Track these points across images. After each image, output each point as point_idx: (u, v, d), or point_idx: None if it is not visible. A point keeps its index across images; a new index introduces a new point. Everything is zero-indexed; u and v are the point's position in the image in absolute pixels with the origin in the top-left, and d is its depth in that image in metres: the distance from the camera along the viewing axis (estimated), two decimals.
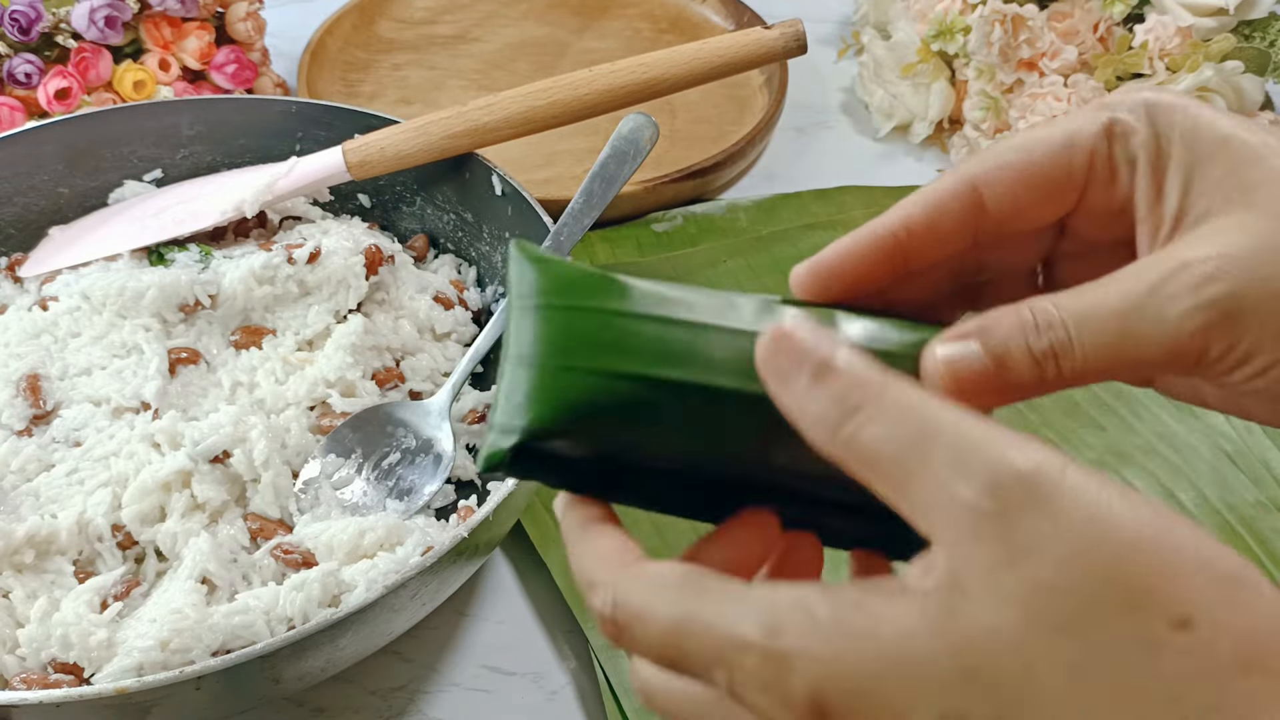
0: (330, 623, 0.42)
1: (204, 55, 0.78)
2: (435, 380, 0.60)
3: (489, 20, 0.94)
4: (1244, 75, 0.74)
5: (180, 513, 0.51)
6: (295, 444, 0.54)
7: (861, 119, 0.88)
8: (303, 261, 0.58)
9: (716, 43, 0.63)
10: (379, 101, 0.86)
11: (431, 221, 0.66)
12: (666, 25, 0.94)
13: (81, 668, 0.47)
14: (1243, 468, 0.61)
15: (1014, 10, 0.75)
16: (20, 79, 0.74)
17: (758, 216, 0.77)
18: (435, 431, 0.56)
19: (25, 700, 0.40)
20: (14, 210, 0.65)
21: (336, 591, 0.49)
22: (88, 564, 0.51)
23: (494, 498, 0.46)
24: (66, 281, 0.60)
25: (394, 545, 0.50)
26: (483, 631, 0.56)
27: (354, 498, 0.54)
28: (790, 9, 0.74)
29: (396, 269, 0.61)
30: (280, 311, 0.59)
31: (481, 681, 0.54)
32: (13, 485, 0.52)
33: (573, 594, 0.55)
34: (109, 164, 0.66)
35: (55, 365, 0.56)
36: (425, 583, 0.45)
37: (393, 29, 0.93)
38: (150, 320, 0.57)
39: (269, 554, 0.51)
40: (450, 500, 0.56)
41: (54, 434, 0.54)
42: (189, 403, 0.56)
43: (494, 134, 0.61)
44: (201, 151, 0.67)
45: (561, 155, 0.80)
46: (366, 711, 0.53)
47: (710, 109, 0.84)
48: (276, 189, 0.62)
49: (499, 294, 0.64)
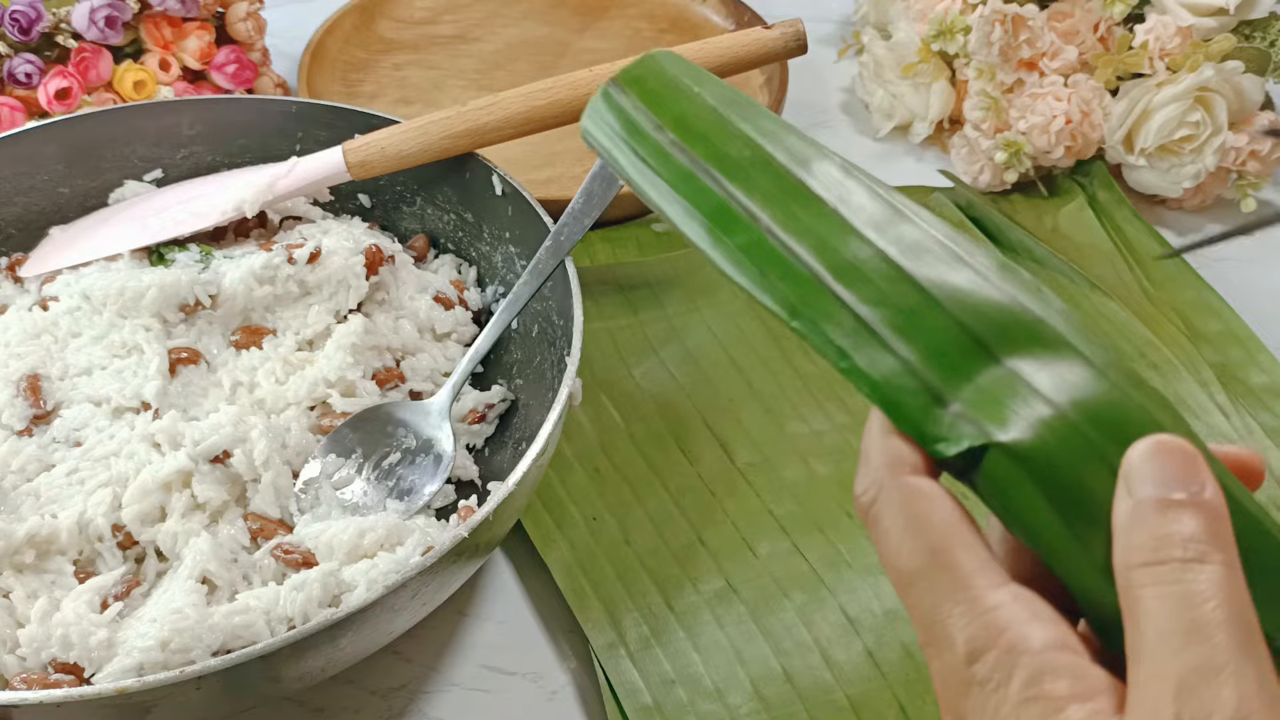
0: (330, 623, 0.42)
1: (204, 55, 0.78)
2: (435, 380, 0.60)
3: (489, 20, 0.94)
4: (1244, 75, 0.74)
5: (180, 513, 0.51)
6: (295, 444, 0.54)
7: (861, 119, 0.88)
8: (303, 261, 0.58)
9: (716, 42, 0.63)
10: (379, 101, 0.86)
11: (432, 221, 0.66)
12: (667, 25, 0.94)
13: (82, 668, 0.47)
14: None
15: (1014, 10, 0.75)
16: (20, 79, 0.74)
17: None
18: (435, 431, 0.56)
19: (25, 700, 0.40)
20: (14, 210, 0.65)
21: (337, 591, 0.49)
22: (88, 564, 0.51)
23: (494, 498, 0.46)
24: (67, 281, 0.60)
25: (394, 545, 0.50)
26: (483, 631, 0.56)
27: (354, 498, 0.54)
28: (790, 9, 0.74)
29: (397, 269, 0.61)
30: (280, 311, 0.59)
31: (481, 681, 0.54)
32: (13, 485, 0.52)
33: (573, 594, 0.55)
34: (109, 164, 0.66)
35: (55, 365, 0.56)
36: (425, 583, 0.45)
37: (393, 29, 0.93)
38: (150, 320, 0.57)
39: (269, 554, 0.51)
40: (450, 500, 0.56)
41: (54, 434, 0.54)
42: (189, 403, 0.56)
43: (494, 134, 0.61)
44: (201, 151, 0.67)
45: (561, 155, 0.80)
46: (366, 711, 0.53)
47: None
48: (277, 189, 0.62)
49: (499, 294, 0.64)
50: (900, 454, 0.28)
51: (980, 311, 0.29)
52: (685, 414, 0.64)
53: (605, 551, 0.57)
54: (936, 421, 0.28)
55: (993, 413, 0.28)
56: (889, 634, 0.54)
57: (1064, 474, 0.27)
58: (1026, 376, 0.28)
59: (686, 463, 0.61)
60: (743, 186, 0.33)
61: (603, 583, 0.56)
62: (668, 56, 0.38)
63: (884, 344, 0.29)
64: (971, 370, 0.29)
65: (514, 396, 0.60)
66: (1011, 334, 0.29)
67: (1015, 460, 0.27)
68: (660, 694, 0.52)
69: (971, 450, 0.28)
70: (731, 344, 0.67)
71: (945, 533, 0.27)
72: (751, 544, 0.57)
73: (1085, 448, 0.27)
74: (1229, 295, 0.71)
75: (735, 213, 0.33)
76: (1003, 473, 0.27)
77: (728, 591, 0.56)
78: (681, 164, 0.34)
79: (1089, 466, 0.27)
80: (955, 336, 0.29)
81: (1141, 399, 0.28)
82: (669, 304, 0.70)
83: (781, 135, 0.34)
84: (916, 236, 0.31)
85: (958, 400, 0.28)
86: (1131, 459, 0.26)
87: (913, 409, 0.29)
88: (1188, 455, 0.25)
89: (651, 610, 0.55)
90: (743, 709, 0.52)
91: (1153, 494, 0.25)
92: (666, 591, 0.56)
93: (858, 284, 0.30)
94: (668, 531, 0.58)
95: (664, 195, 0.34)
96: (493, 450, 0.59)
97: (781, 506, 0.59)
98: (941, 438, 0.28)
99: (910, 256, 0.31)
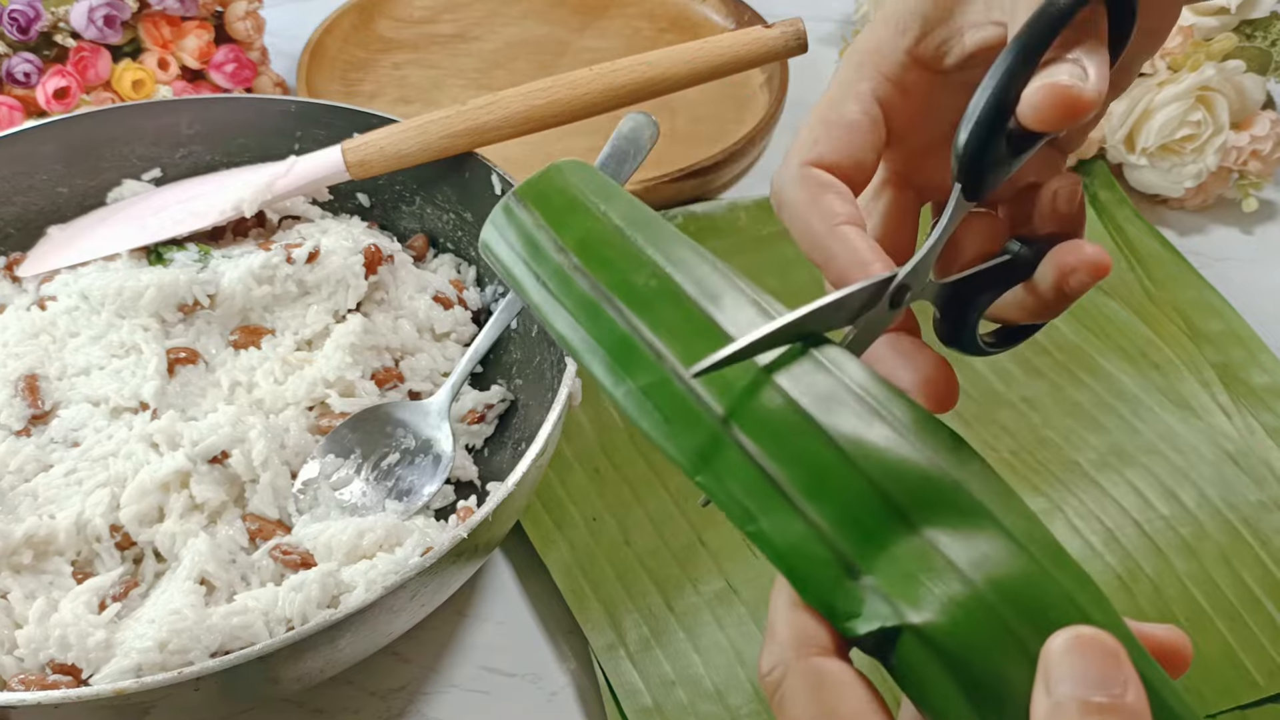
0: (329, 623, 0.42)
1: (203, 54, 0.78)
2: (435, 380, 0.60)
3: (489, 19, 0.94)
4: (1245, 74, 0.74)
5: (179, 513, 0.51)
6: (294, 444, 0.54)
7: None
8: (302, 261, 0.58)
9: (717, 42, 0.63)
10: (378, 101, 0.86)
11: (431, 221, 0.66)
12: (667, 24, 0.94)
13: (80, 669, 0.47)
14: (1244, 468, 0.61)
15: None
16: (19, 78, 0.74)
17: (758, 216, 0.77)
18: (434, 432, 0.56)
19: (24, 701, 0.40)
20: (13, 210, 0.64)
21: (335, 592, 0.48)
22: (86, 565, 0.51)
23: (493, 498, 0.46)
24: (65, 281, 0.60)
25: (393, 546, 0.50)
26: (482, 632, 0.56)
27: (353, 498, 0.54)
28: (791, 8, 0.74)
29: (396, 269, 0.61)
30: (279, 311, 0.59)
31: (481, 682, 0.54)
32: (11, 485, 0.52)
33: (572, 595, 0.55)
34: (108, 163, 0.65)
35: (53, 365, 0.56)
36: (425, 583, 0.45)
37: (392, 28, 0.93)
38: (149, 320, 0.56)
39: (268, 554, 0.51)
40: (449, 501, 0.56)
41: (52, 434, 0.54)
42: (187, 403, 0.55)
43: (494, 133, 0.61)
44: (200, 151, 0.66)
45: (561, 155, 0.79)
46: (366, 712, 0.53)
47: (710, 108, 0.84)
48: (275, 188, 0.62)
49: (498, 294, 0.64)
50: (807, 632, 0.27)
51: (896, 473, 0.28)
52: None
53: (605, 552, 0.57)
54: (847, 596, 0.27)
55: (906, 589, 0.26)
56: None
57: (979, 661, 0.25)
58: (943, 549, 0.27)
59: None
60: (648, 320, 0.31)
61: (602, 583, 0.56)
62: (576, 168, 0.36)
63: (793, 506, 0.28)
64: (885, 539, 0.27)
65: (513, 396, 0.60)
66: (928, 499, 0.27)
67: (928, 645, 0.26)
68: (660, 695, 0.52)
69: (884, 630, 0.26)
70: None
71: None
72: (751, 544, 0.57)
73: (1002, 633, 0.26)
74: (1230, 295, 0.71)
75: (640, 349, 0.31)
76: (916, 657, 0.26)
77: (728, 592, 0.56)
78: (584, 290, 0.32)
79: (1005, 654, 0.25)
80: (869, 500, 0.27)
81: (1063, 578, 0.27)
82: None
83: (693, 264, 0.32)
84: (829, 386, 0.29)
85: (870, 574, 0.27)
86: (1050, 653, 0.24)
87: (822, 581, 0.27)
88: (1110, 652, 0.24)
89: (651, 611, 0.55)
90: (743, 710, 0.51)
91: (1072, 693, 0.24)
92: (666, 592, 0.56)
93: (766, 438, 0.28)
94: (668, 532, 0.58)
95: (565, 324, 0.32)
96: (492, 451, 0.59)
97: None
98: (853, 614, 0.26)
99: (823, 408, 0.29)
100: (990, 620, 0.26)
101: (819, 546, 0.27)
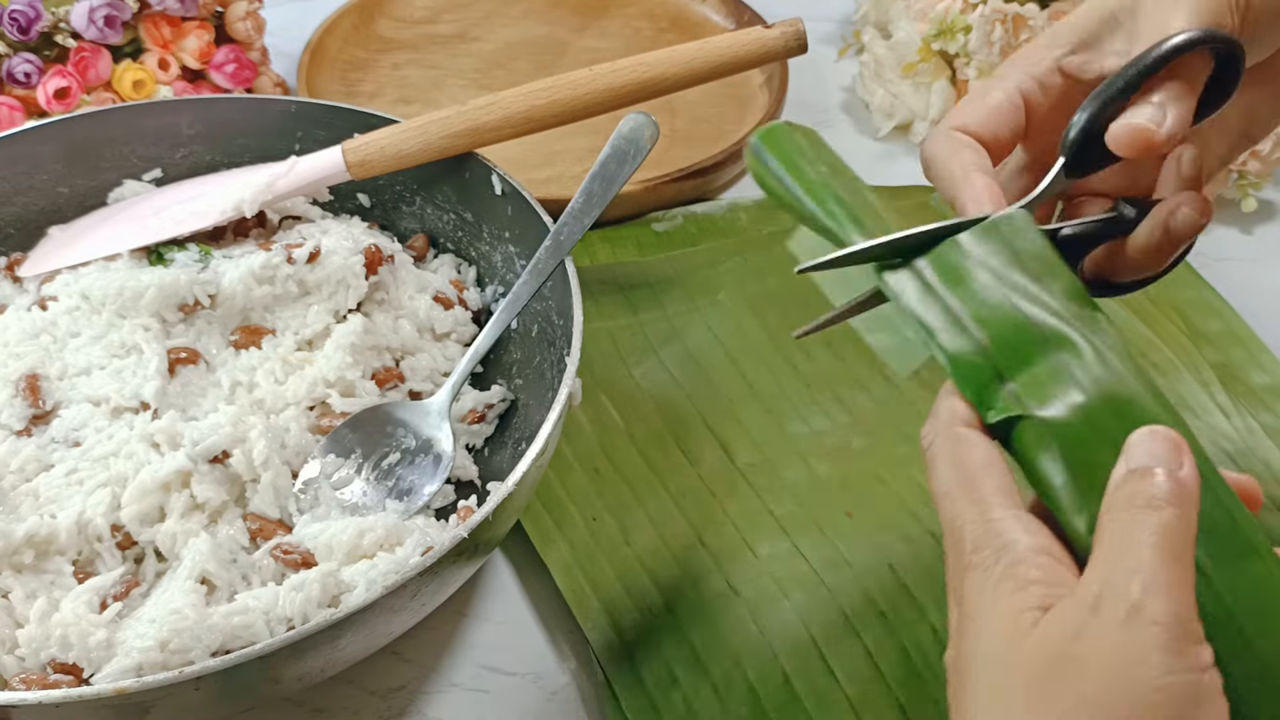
0: (330, 623, 0.42)
1: (203, 55, 0.78)
2: (435, 380, 0.60)
3: (489, 19, 0.94)
4: None
5: (179, 513, 0.51)
6: (295, 444, 0.54)
7: (862, 118, 0.88)
8: (302, 261, 0.58)
9: (717, 42, 0.63)
10: (379, 101, 0.86)
11: (431, 221, 0.66)
12: (667, 24, 0.94)
13: (81, 668, 0.47)
14: (1244, 468, 0.61)
15: (1015, 10, 0.75)
16: (19, 78, 0.74)
17: (758, 216, 0.77)
18: (435, 431, 0.56)
19: (25, 700, 0.40)
20: (13, 210, 0.64)
21: (336, 592, 0.49)
22: (87, 564, 0.51)
23: (494, 498, 0.46)
24: (66, 281, 0.60)
25: (394, 545, 0.50)
26: (483, 632, 0.56)
27: (354, 498, 0.54)
28: (791, 8, 0.74)
29: (396, 269, 0.61)
30: (280, 311, 0.59)
31: (481, 682, 0.54)
32: (12, 485, 0.52)
33: (572, 594, 0.55)
34: (108, 163, 0.65)
35: (54, 365, 0.56)
36: (425, 583, 0.45)
37: (392, 28, 0.93)
38: (150, 320, 0.56)
39: (268, 554, 0.51)
40: (450, 500, 0.56)
41: (53, 434, 0.54)
42: (188, 403, 0.56)
43: (494, 133, 0.61)
44: (201, 151, 0.66)
45: (561, 155, 0.80)
46: (366, 712, 0.53)
47: (710, 108, 0.84)
48: (276, 188, 0.62)
49: (498, 294, 0.64)
50: (957, 412, 0.36)
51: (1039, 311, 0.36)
52: (685, 414, 0.64)
53: (605, 552, 0.57)
54: (993, 393, 0.35)
55: (1036, 393, 0.35)
56: (889, 634, 0.54)
57: (1080, 449, 0.34)
58: (1070, 369, 0.35)
59: (686, 463, 0.61)
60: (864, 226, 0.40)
61: (602, 583, 0.56)
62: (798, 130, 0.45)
63: (964, 328, 0.36)
64: (1029, 358, 0.35)
65: (513, 396, 0.60)
66: (1063, 337, 0.36)
67: (1045, 431, 0.34)
68: (660, 695, 0.52)
69: (1009, 419, 0.35)
70: (731, 344, 0.67)
71: (977, 468, 0.34)
72: (751, 544, 0.57)
73: (1100, 430, 0.34)
74: (1230, 295, 0.71)
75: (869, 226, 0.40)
76: (1031, 439, 0.34)
77: (728, 592, 0.56)
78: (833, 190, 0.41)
79: (1100, 443, 0.33)
80: (1023, 331, 0.36)
81: (1156, 407, 0.34)
82: (669, 304, 0.70)
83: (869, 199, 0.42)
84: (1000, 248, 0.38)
85: (1013, 381, 0.35)
86: (1132, 439, 0.32)
87: (977, 380, 0.36)
88: (1175, 442, 0.32)
89: (651, 611, 0.55)
90: (743, 709, 0.51)
91: (1140, 463, 0.31)
92: (666, 592, 0.56)
93: (949, 278, 0.38)
94: (668, 532, 0.58)
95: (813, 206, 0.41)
96: (492, 450, 0.59)
97: (781, 507, 0.59)
98: (993, 405, 0.35)
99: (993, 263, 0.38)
100: (1094, 421, 0.34)
101: (979, 358, 0.36)
